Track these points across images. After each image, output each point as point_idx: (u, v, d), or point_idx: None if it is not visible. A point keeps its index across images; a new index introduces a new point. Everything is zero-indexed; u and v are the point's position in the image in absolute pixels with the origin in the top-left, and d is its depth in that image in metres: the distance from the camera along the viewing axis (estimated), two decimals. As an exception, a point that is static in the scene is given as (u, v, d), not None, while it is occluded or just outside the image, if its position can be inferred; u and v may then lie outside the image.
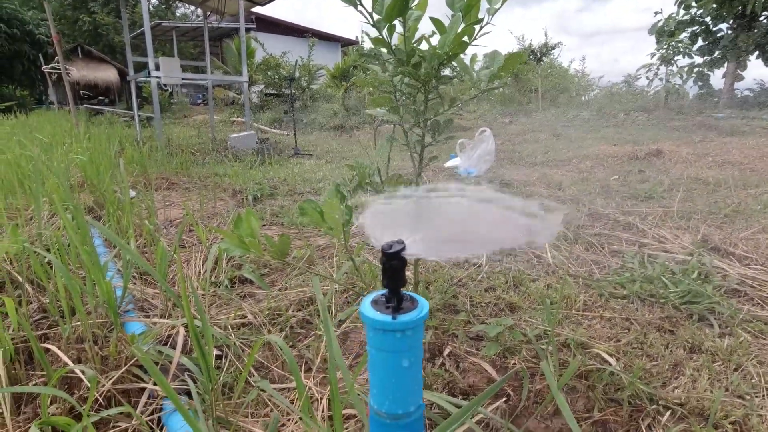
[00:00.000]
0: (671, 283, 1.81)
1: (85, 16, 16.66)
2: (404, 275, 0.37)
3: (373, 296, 0.40)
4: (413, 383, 0.38)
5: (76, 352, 1.22)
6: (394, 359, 0.36)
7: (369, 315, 0.37)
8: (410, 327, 0.36)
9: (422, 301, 0.39)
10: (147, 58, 5.51)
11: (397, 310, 0.36)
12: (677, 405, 1.16)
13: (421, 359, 0.39)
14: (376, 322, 0.36)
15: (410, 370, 0.38)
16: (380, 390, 0.38)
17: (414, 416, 0.39)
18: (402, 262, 0.36)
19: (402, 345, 0.36)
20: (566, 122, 8.69)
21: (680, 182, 3.60)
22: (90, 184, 2.89)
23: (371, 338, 0.38)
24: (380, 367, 0.37)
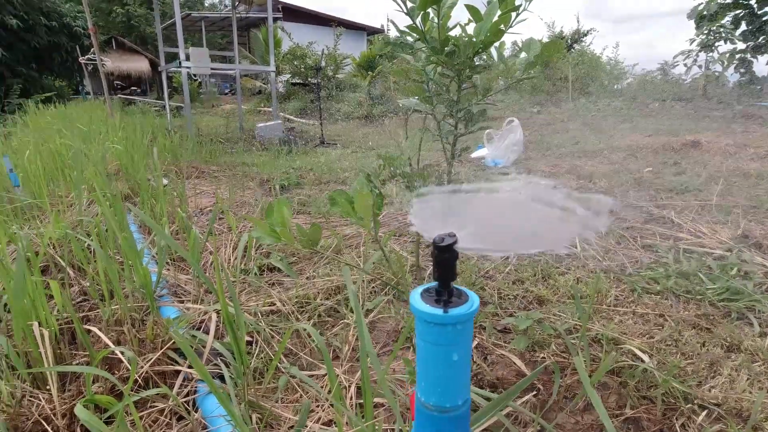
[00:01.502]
0: (708, 280, 1.75)
1: (118, 8, 17.07)
2: (455, 269, 0.37)
3: (422, 288, 0.40)
4: (462, 377, 0.38)
5: (115, 334, 1.27)
6: (444, 353, 0.36)
7: (420, 307, 0.37)
8: (461, 321, 0.36)
9: (472, 295, 0.39)
10: (177, 49, 5.61)
11: (449, 304, 0.36)
12: (714, 405, 1.13)
13: (470, 354, 0.39)
14: (427, 315, 0.36)
15: (459, 364, 0.38)
16: (429, 383, 0.38)
17: (461, 410, 0.39)
18: (453, 256, 0.36)
19: (452, 338, 0.36)
20: (597, 112, 8.43)
21: (719, 175, 3.46)
22: (125, 172, 2.99)
23: (421, 331, 0.38)
24: (430, 360, 0.37)
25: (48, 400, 1.02)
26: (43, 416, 0.99)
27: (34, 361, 1.11)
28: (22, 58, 11.01)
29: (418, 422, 0.39)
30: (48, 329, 1.13)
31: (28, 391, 1.07)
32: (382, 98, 10.70)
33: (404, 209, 2.69)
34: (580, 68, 12.11)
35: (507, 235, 0.35)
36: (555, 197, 0.36)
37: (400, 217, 2.59)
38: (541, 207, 0.35)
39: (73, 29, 12.21)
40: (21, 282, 1.05)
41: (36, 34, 11.15)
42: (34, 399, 1.05)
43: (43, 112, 6.77)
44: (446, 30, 0.88)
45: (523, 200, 0.35)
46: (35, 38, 11.14)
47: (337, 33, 12.60)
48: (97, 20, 17.04)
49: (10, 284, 1.08)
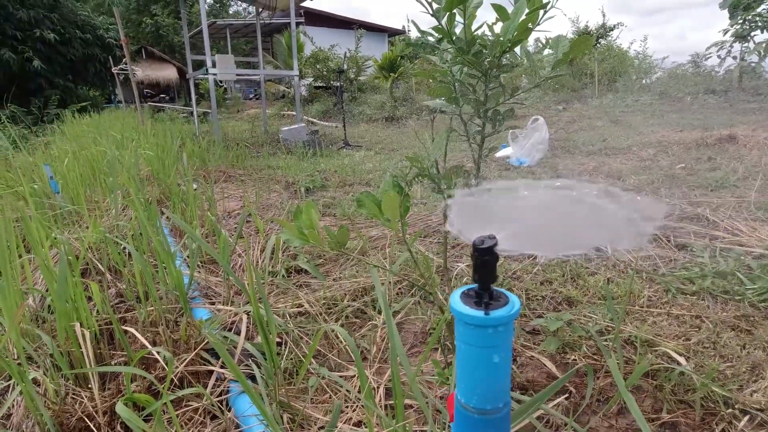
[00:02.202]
0: (748, 279, 1.68)
1: (147, 19, 17.63)
2: (496, 270, 0.37)
3: (462, 290, 0.40)
4: (503, 380, 0.38)
5: (151, 335, 1.32)
6: (485, 355, 0.36)
7: (460, 310, 0.37)
8: (502, 323, 0.36)
9: (513, 297, 0.39)
10: (204, 56, 5.75)
11: (489, 306, 0.36)
12: (756, 410, 1.08)
13: (510, 356, 0.39)
14: (468, 317, 0.36)
15: (500, 367, 0.38)
16: (469, 385, 0.39)
17: (502, 412, 0.39)
18: (494, 258, 0.36)
19: (493, 341, 0.36)
20: (625, 108, 8.21)
21: (757, 170, 3.32)
22: (156, 177, 3.08)
23: (461, 333, 0.38)
24: (470, 362, 0.37)
25: (90, 398, 1.06)
26: (86, 413, 1.03)
27: (76, 360, 1.16)
28: (60, 70, 11.51)
29: (457, 424, 0.40)
30: (89, 330, 1.18)
31: (71, 389, 1.11)
32: (405, 99, 10.70)
33: (430, 210, 2.68)
34: (606, 63, 11.82)
35: (547, 235, 0.35)
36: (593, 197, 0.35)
37: (425, 218, 2.59)
38: (581, 207, 0.35)
39: (105, 41, 12.69)
40: (64, 284, 1.09)
41: (72, 46, 11.64)
42: (76, 397, 1.09)
43: (78, 121, 7.05)
44: (472, 30, 0.88)
45: (560, 200, 0.35)
46: (71, 51, 11.63)
47: (358, 35, 12.67)
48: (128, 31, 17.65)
49: (54, 286, 1.13)
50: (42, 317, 1.40)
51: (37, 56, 10.65)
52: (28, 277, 1.53)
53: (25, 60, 10.47)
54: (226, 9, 21.00)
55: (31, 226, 1.51)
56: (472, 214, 0.36)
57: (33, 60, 10.50)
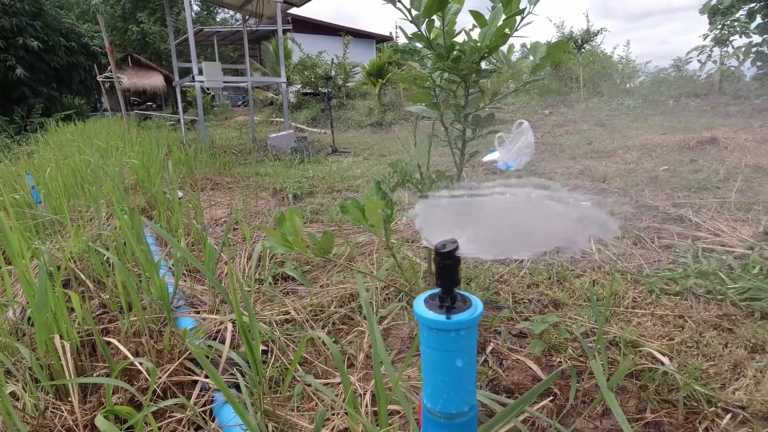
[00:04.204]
0: (729, 279, 1.71)
1: (133, 26, 17.50)
2: (458, 274, 0.37)
3: (426, 295, 0.40)
4: (467, 383, 0.38)
5: (134, 345, 1.30)
6: (448, 359, 0.36)
7: (423, 314, 0.37)
8: (464, 327, 0.36)
9: (476, 300, 0.39)
10: (191, 64, 5.73)
11: (451, 310, 0.36)
12: (738, 408, 1.10)
13: (475, 359, 0.39)
14: (431, 321, 0.36)
15: (464, 370, 0.38)
16: (434, 389, 0.39)
17: (468, 416, 0.39)
18: (456, 261, 0.36)
19: (456, 344, 0.36)
20: (610, 111, 8.33)
21: (738, 171, 3.38)
22: (142, 186, 3.05)
23: (425, 337, 0.38)
24: (434, 366, 0.37)
25: (70, 412, 1.04)
26: (65, 427, 1.01)
27: (56, 374, 1.14)
28: (43, 78, 11.36)
29: (425, 430, 0.39)
30: (69, 342, 1.15)
31: (51, 402, 1.09)
32: (393, 105, 10.74)
33: (416, 215, 2.68)
34: (591, 68, 12.00)
35: (509, 238, 0.35)
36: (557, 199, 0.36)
37: (413, 223, 2.59)
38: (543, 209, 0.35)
39: (90, 48, 12.57)
40: (43, 296, 1.07)
41: (56, 54, 11.51)
42: (56, 411, 1.07)
43: (63, 130, 6.97)
44: (452, 36, 0.89)
45: (524, 202, 0.35)
46: (55, 58, 11.50)
47: (346, 41, 12.72)
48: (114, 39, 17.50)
49: (34, 298, 1.11)
50: (22, 330, 1.37)
51: (20, 64, 10.50)
52: (8, 289, 1.50)
53: (8, 68, 10.32)
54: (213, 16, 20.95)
55: (11, 236, 1.48)
56: (436, 217, 0.36)
57: (16, 68, 10.36)
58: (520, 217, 0.35)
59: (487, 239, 0.34)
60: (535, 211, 0.35)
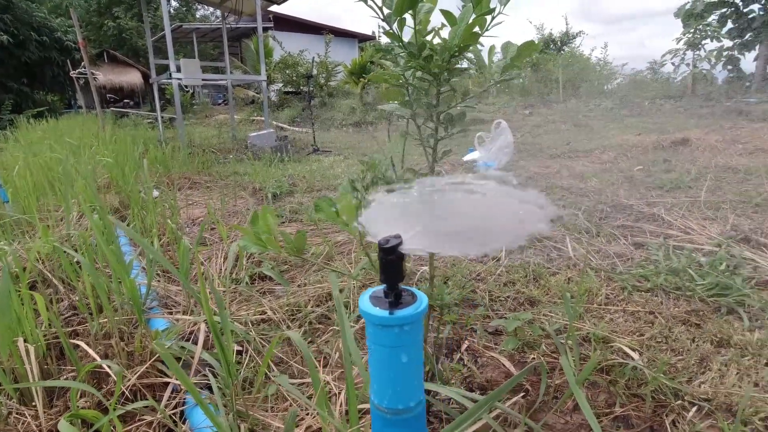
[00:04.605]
0: (698, 276, 1.76)
1: (109, 21, 17.07)
2: (402, 270, 0.37)
3: (372, 291, 0.40)
4: (413, 378, 0.38)
5: (103, 347, 1.27)
6: (393, 354, 0.36)
7: (366, 310, 0.37)
8: (408, 322, 0.36)
9: (421, 295, 0.39)
10: (169, 61, 5.62)
11: (396, 305, 0.36)
12: (704, 401, 1.13)
13: (421, 354, 0.39)
14: (374, 317, 0.36)
15: (409, 366, 0.38)
16: (381, 385, 0.38)
17: (415, 411, 0.39)
18: (399, 257, 0.36)
19: (400, 340, 0.36)
20: (588, 112, 8.49)
21: (708, 171, 3.48)
22: (116, 185, 2.98)
23: (370, 333, 0.38)
24: (379, 362, 0.37)
25: (34, 417, 1.01)
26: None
27: (21, 378, 1.10)
28: (14, 73, 11.00)
29: (374, 425, 0.39)
30: (34, 345, 1.12)
31: (14, 408, 1.06)
32: (375, 104, 10.74)
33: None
34: (570, 70, 12.21)
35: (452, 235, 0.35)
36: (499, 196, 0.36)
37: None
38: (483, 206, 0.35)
39: (64, 44, 12.23)
40: (5, 298, 1.04)
41: (27, 49, 11.16)
42: (20, 416, 1.04)
43: (34, 127, 6.76)
44: (424, 35, 0.89)
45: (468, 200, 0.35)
46: (26, 53, 11.15)
47: (327, 40, 12.66)
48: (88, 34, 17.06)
49: (-5, 300, 1.07)
50: (-15, 333, 1.32)
51: (-11, 59, 10.18)
52: (-29, 291, 1.45)
53: (-24, 63, 9.99)
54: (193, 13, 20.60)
55: (-27, 237, 1.43)
56: (382, 214, 0.36)
57: (-16, 63, 10.03)
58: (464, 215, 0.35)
59: (431, 235, 0.34)
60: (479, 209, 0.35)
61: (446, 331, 1.36)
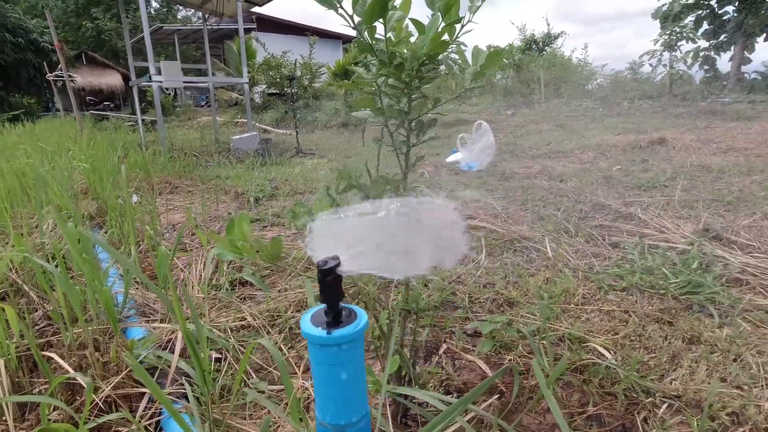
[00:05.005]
0: (671, 274, 1.80)
1: (88, 23, 16.75)
2: (340, 290, 0.37)
3: (313, 311, 0.41)
4: (354, 394, 0.39)
5: (77, 359, 1.25)
6: (332, 372, 0.37)
7: (306, 330, 0.37)
8: (346, 341, 0.37)
9: (361, 313, 0.40)
10: (149, 63, 5.54)
11: (336, 325, 0.36)
12: (674, 397, 1.16)
13: (361, 371, 0.39)
14: (312, 337, 0.36)
15: (349, 383, 0.38)
16: (322, 401, 0.39)
17: (358, 426, 0.40)
18: (337, 278, 0.36)
19: (338, 358, 0.37)
20: (569, 113, 8.61)
21: (683, 170, 3.57)
22: (93, 191, 2.93)
23: (311, 353, 0.38)
24: (320, 380, 0.38)
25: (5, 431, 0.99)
26: (-2, 448, 0.96)
27: (-9, 392, 1.08)
28: (-13, 76, 10.74)
29: None
30: (4, 358, 1.10)
31: (-16, 423, 1.03)
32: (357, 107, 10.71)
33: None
34: (551, 71, 12.37)
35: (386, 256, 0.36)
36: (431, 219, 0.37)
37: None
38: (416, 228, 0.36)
39: (40, 45, 11.98)
40: (-27, 311, 1.02)
41: (1, 51, 10.89)
42: (-10, 431, 1.02)
43: (9, 131, 6.60)
44: (395, 43, 0.90)
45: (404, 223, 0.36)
46: (0, 55, 10.88)
47: (311, 42, 12.62)
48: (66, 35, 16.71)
49: (-38, 313, 1.05)
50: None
51: (-38, 61, 9.90)
52: (-61, 303, 1.41)
53: (-52, 66, 9.71)
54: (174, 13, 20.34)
55: (-59, 247, 1.40)
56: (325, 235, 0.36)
57: (-43, 66, 9.76)
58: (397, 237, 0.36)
59: (367, 258, 0.35)
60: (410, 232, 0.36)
61: (424, 334, 1.37)
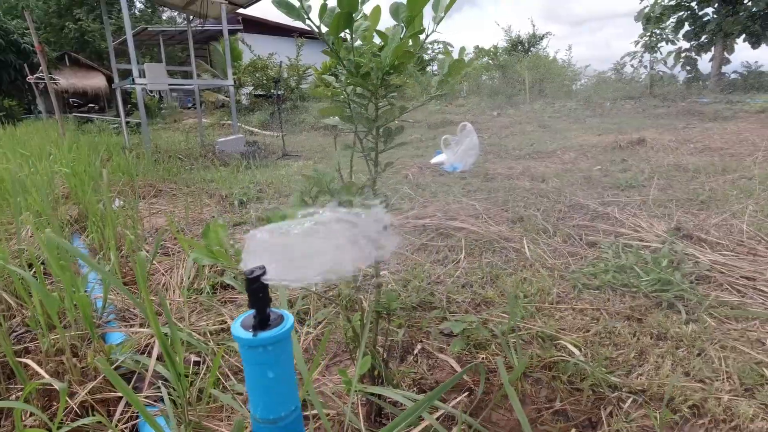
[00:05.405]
0: (643, 272, 1.85)
1: (70, 23, 16.52)
2: (267, 296, 0.40)
3: (244, 315, 0.44)
4: (282, 391, 0.42)
5: (54, 364, 1.25)
6: (260, 371, 0.40)
7: (235, 333, 0.40)
8: (271, 342, 0.40)
9: (288, 317, 0.43)
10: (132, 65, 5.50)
11: (263, 328, 0.39)
12: (640, 392, 1.20)
13: (289, 369, 0.42)
14: (240, 339, 0.40)
15: (277, 380, 0.41)
16: (254, 399, 0.42)
17: (288, 419, 0.43)
18: (261, 286, 0.39)
19: (265, 358, 0.40)
20: (553, 113, 8.72)
21: (660, 170, 3.65)
22: (75, 196, 2.91)
23: (242, 354, 0.41)
24: (250, 378, 0.41)
25: (-21, 438, 1.00)
26: (-27, 455, 0.97)
27: (-34, 399, 1.08)
28: (-33, 79, 10.54)
29: None
30: (-21, 365, 1.10)
31: (-42, 430, 1.04)
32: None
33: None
34: (536, 71, 12.52)
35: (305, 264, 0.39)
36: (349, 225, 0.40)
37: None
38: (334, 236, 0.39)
39: (21, 46, 11.80)
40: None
41: (-19, 53, 10.72)
42: (-35, 438, 1.02)
43: (-11, 135, 6.49)
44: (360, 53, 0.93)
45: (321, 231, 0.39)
46: (-20, 57, 10.71)
47: (299, 43, 12.60)
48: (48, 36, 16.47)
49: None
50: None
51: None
52: None
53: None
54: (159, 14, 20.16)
55: None
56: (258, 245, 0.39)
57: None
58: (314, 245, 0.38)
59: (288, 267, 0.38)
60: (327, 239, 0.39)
61: (400, 334, 1.40)
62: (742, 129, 5.07)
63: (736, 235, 2.18)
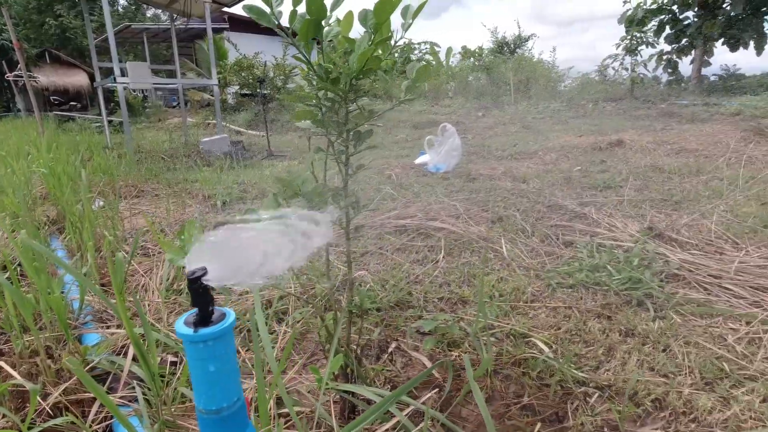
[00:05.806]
0: (615, 271, 1.91)
1: (51, 20, 16.22)
2: (208, 297, 0.43)
3: (189, 313, 0.46)
4: (223, 384, 0.45)
5: (28, 366, 1.25)
6: (202, 365, 0.43)
7: (178, 329, 0.43)
8: (211, 338, 0.42)
9: (230, 315, 0.45)
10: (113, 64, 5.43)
11: (203, 325, 0.42)
12: (605, 387, 1.25)
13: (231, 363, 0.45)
14: (182, 335, 0.42)
15: (218, 374, 0.44)
16: (198, 391, 0.45)
17: (230, 410, 0.45)
18: (201, 286, 0.42)
19: (205, 353, 0.42)
20: (537, 114, 8.83)
21: (638, 171, 3.73)
22: (53, 196, 2.88)
23: (185, 348, 0.44)
24: (193, 371, 0.44)
25: (-51, 440, 1.00)
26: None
27: (-63, 402, 1.08)
28: (-57, 76, 10.28)
29: (200, 426, 0.45)
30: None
31: (-71, 432, 1.04)
32: (333, 107, 10.71)
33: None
34: (521, 72, 12.65)
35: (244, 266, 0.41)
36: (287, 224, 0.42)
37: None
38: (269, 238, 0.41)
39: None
40: None
41: (-43, 49, 10.46)
42: (-65, 441, 1.02)
43: (-34, 134, 6.35)
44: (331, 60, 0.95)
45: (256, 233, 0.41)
46: (-43, 54, 10.45)
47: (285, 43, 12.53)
48: (28, 32, 16.15)
49: None
50: None
51: None
52: None
53: None
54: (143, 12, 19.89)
55: None
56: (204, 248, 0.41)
57: None
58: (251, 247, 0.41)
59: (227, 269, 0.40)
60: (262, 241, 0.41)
61: (376, 333, 1.43)
62: (717, 131, 5.20)
63: (705, 235, 2.25)
